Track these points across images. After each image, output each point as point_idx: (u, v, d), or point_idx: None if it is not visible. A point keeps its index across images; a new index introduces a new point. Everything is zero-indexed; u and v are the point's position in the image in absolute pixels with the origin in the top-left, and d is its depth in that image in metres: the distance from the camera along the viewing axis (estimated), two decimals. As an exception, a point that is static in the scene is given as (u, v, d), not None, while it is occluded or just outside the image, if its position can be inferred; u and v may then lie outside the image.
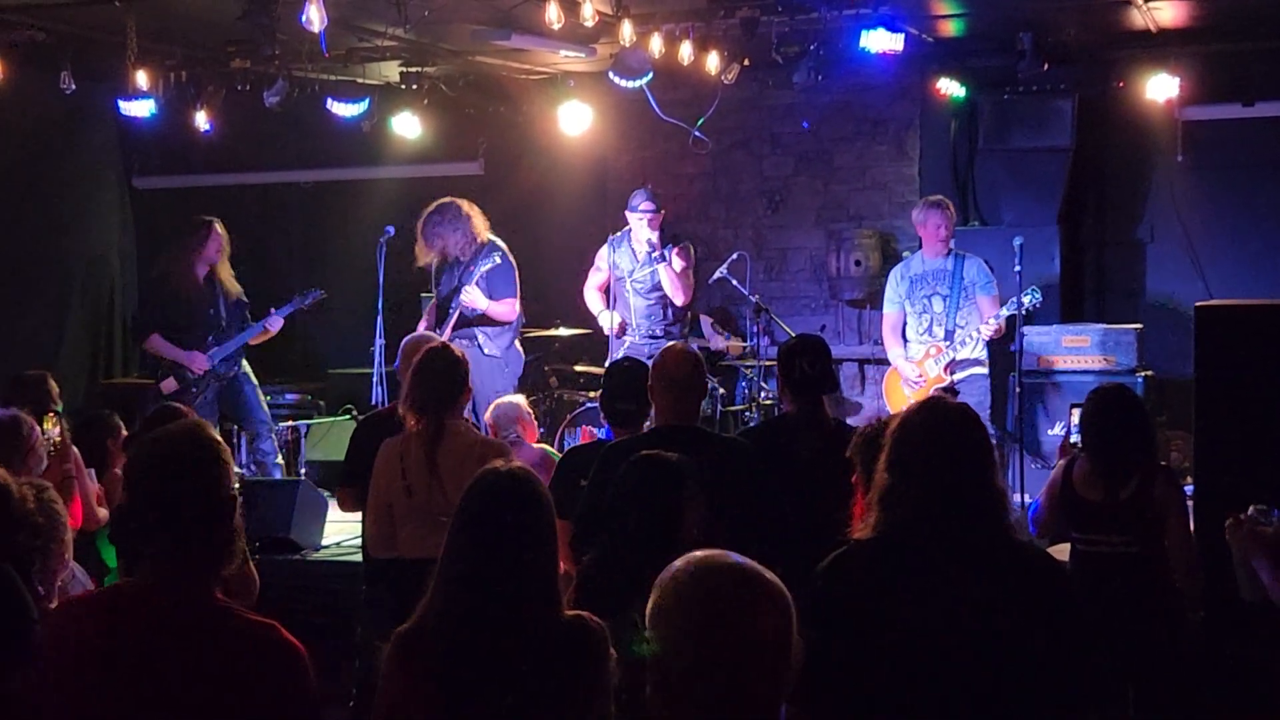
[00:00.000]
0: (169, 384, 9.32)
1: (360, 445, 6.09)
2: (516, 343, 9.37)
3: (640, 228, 9.16)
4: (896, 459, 3.43)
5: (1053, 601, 3.37)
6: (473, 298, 8.88)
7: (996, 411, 8.96)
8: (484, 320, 9.04)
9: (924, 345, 8.82)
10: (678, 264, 9.01)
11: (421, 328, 9.04)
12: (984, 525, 3.37)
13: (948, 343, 8.68)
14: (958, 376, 8.68)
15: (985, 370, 8.80)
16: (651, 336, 9.10)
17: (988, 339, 8.69)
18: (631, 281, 9.23)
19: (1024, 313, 8.56)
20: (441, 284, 9.22)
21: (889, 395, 9.16)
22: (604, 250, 9.41)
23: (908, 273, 8.95)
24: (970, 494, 3.37)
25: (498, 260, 8.99)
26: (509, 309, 9.09)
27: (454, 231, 9.08)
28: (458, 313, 8.97)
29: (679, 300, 9.05)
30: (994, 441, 8.35)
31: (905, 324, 8.93)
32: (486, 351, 8.99)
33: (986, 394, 8.72)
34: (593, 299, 9.58)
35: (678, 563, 2.46)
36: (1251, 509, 4.23)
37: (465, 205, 9.16)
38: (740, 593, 2.38)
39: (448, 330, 8.84)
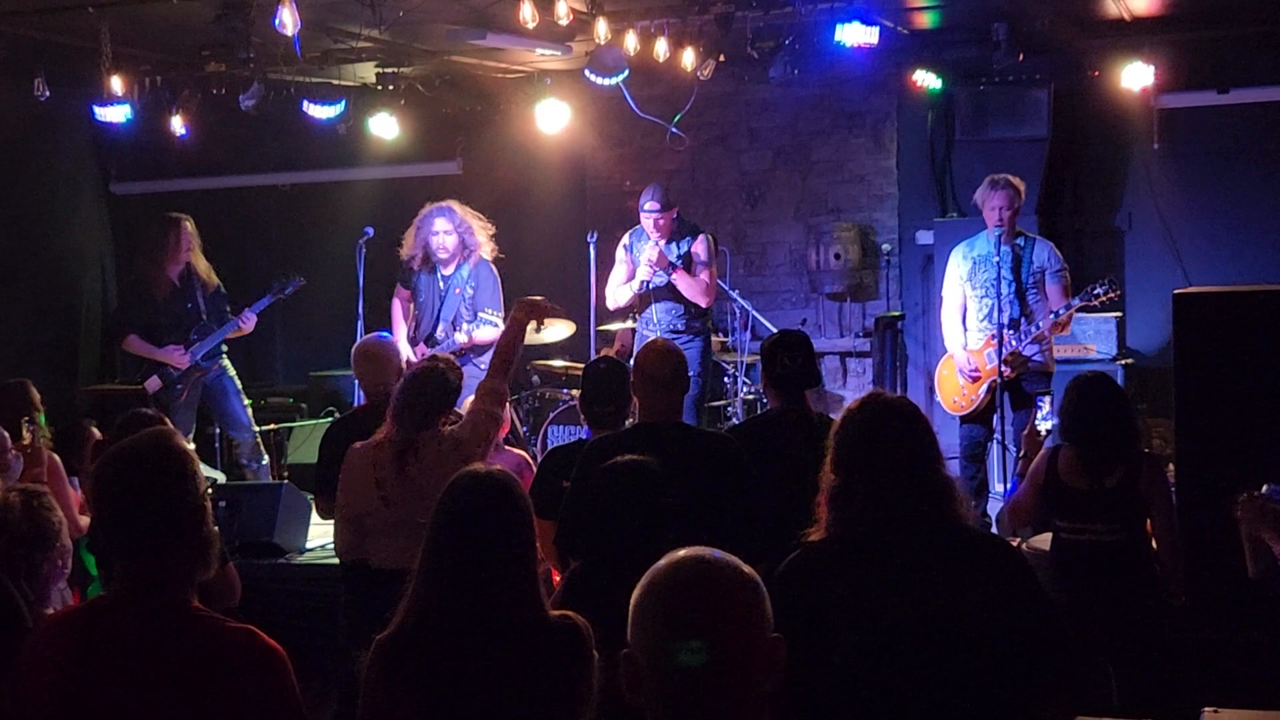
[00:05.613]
0: (153, 383, 9.33)
1: (331, 451, 6.04)
2: None
3: (648, 228, 8.83)
4: (841, 458, 3.45)
5: (1010, 582, 3.39)
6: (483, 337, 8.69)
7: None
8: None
9: (984, 334, 8.25)
10: (686, 278, 8.74)
11: (400, 330, 8.98)
12: (933, 515, 3.39)
13: (1011, 332, 8.09)
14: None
15: (1050, 369, 8.25)
16: (673, 331, 8.64)
17: (1055, 333, 8.19)
18: (653, 276, 8.84)
19: (1097, 304, 8.11)
20: (421, 289, 9.00)
21: (941, 386, 8.64)
22: (622, 247, 9.04)
23: (970, 252, 8.36)
24: (916, 485, 3.39)
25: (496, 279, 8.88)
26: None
27: (461, 232, 8.85)
28: (466, 343, 8.74)
29: (701, 303, 8.78)
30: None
31: (965, 308, 8.39)
32: (482, 368, 8.95)
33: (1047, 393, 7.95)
34: (616, 293, 9.01)
35: (661, 560, 2.47)
36: (1266, 487, 4.26)
37: (472, 216, 8.96)
38: (708, 584, 2.38)
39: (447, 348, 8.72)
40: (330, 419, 10.04)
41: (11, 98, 9.88)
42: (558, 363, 10.28)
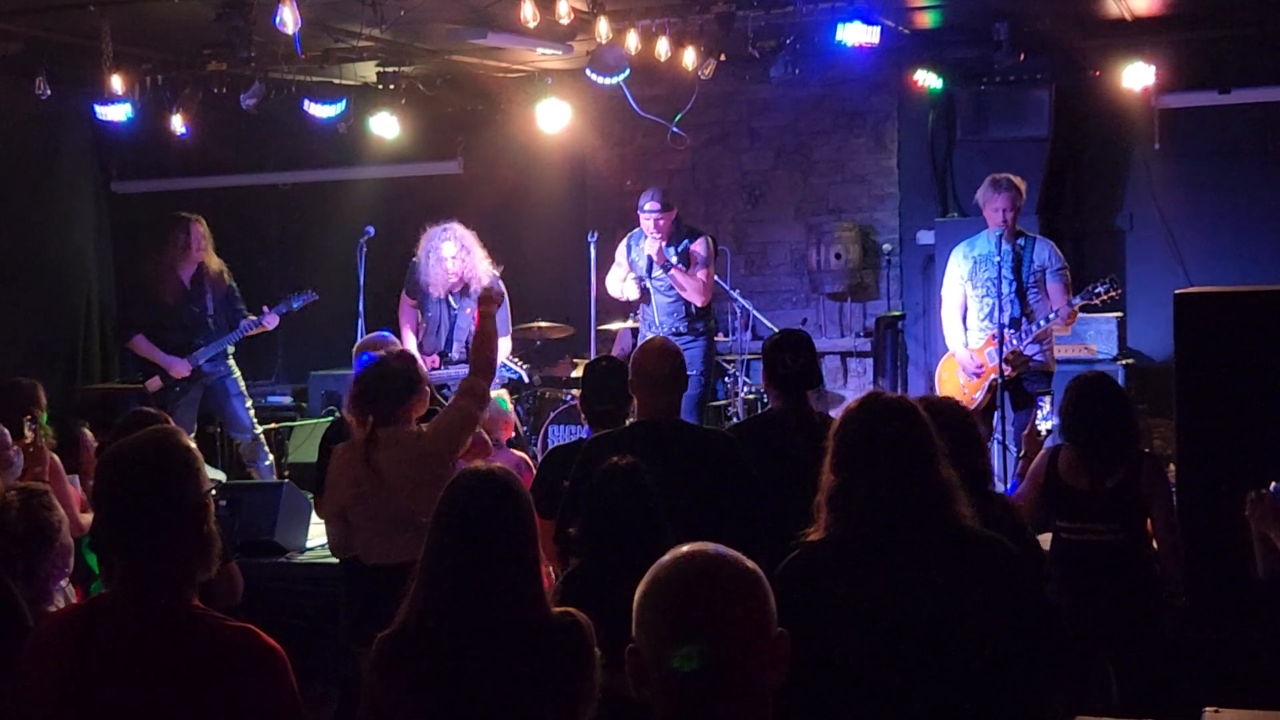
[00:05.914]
0: (154, 382, 9.33)
1: (328, 452, 6.06)
2: None
3: (648, 229, 8.89)
4: (840, 458, 3.45)
5: (1010, 582, 3.39)
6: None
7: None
8: None
9: (985, 333, 8.25)
10: (684, 275, 8.79)
11: (409, 340, 8.92)
12: (933, 516, 3.39)
13: (1012, 332, 8.08)
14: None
15: (1050, 369, 8.26)
16: (675, 334, 8.68)
17: (1057, 332, 8.20)
18: (651, 280, 8.95)
19: (1098, 303, 8.10)
20: (430, 305, 8.99)
21: (941, 386, 8.55)
22: (622, 248, 9.12)
23: (971, 252, 8.36)
24: (916, 486, 3.39)
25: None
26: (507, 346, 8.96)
27: (464, 259, 8.83)
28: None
29: (697, 302, 8.85)
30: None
31: (966, 308, 8.39)
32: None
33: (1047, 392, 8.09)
34: (614, 285, 9.15)
35: (665, 556, 2.47)
36: (1274, 485, 4.25)
37: (473, 240, 8.92)
38: (711, 580, 2.37)
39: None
40: (330, 419, 10.03)
41: (12, 97, 9.87)
42: (557, 363, 10.28)
